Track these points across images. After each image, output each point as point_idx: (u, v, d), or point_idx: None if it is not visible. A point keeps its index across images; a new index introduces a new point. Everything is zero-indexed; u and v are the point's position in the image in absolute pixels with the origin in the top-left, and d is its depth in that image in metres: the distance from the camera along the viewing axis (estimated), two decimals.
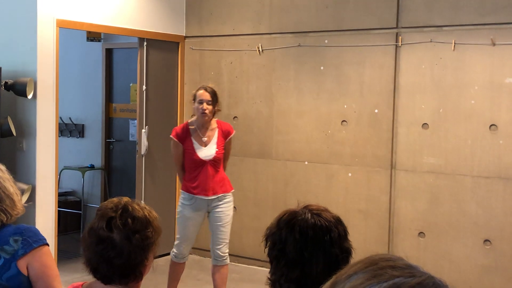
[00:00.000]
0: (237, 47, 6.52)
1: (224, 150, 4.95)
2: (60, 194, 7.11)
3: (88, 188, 7.92)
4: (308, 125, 6.12)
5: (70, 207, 7.76)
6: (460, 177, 5.40)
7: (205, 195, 4.88)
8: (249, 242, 6.24)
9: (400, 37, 5.62)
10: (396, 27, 5.65)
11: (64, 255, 6.52)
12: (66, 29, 5.89)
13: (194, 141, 4.87)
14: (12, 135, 5.39)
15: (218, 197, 4.91)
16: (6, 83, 5.37)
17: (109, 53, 7.82)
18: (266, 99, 6.36)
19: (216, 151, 4.88)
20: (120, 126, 7.83)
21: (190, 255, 6.90)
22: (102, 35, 7.67)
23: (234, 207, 5.16)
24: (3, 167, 2.49)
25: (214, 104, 4.84)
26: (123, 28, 6.30)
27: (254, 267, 6.39)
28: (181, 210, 4.98)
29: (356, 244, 1.92)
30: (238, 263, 6.48)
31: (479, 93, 5.30)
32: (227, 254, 5.06)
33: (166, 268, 6.46)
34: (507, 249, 5.24)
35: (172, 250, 5.11)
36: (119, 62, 7.79)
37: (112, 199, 2.09)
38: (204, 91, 4.85)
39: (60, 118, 7.54)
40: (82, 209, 7.79)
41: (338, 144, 5.97)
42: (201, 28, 6.77)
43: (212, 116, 4.88)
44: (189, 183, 4.90)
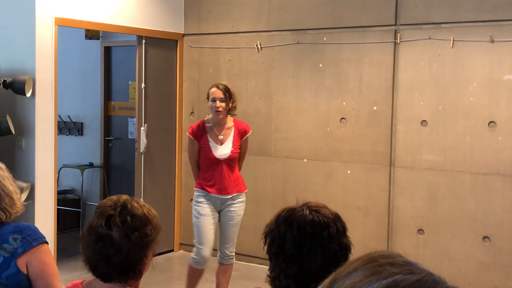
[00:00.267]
0: (235, 44, 6.52)
1: (239, 149, 4.87)
2: (59, 192, 7.12)
3: (87, 186, 7.91)
4: (307, 122, 6.12)
5: (69, 205, 7.75)
6: (459, 174, 5.41)
7: (219, 194, 4.81)
8: (248, 239, 6.24)
9: (398, 34, 5.62)
10: (395, 24, 5.65)
11: (64, 253, 6.52)
12: (64, 27, 5.89)
13: (210, 139, 4.80)
14: (11, 133, 5.39)
15: (232, 196, 4.84)
16: (5, 81, 5.36)
17: (107, 51, 7.81)
18: (265, 96, 6.36)
19: (231, 150, 4.81)
20: (119, 124, 7.83)
21: (189, 253, 6.89)
22: (101, 33, 7.66)
23: None
24: (2, 166, 2.48)
25: (227, 101, 4.76)
26: (122, 26, 6.29)
27: (253, 264, 6.39)
28: (196, 209, 4.84)
29: (355, 241, 1.93)
30: (237, 260, 6.46)
31: (478, 90, 5.30)
32: (234, 254, 5.01)
33: (166, 266, 6.47)
34: (506, 245, 5.25)
35: (192, 257, 4.89)
36: (118, 60, 7.78)
37: (111, 197, 2.09)
38: (216, 88, 4.79)
39: (59, 116, 7.54)
40: (81, 207, 7.79)
41: (337, 141, 5.97)
42: (199, 26, 6.76)
43: (226, 113, 4.79)
44: (203, 181, 4.83)
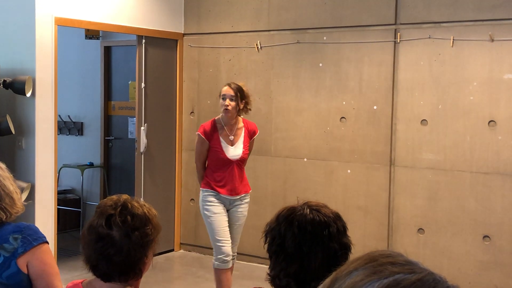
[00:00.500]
0: (235, 44, 6.52)
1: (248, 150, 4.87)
2: (59, 192, 7.12)
3: (87, 186, 7.92)
4: (307, 122, 6.12)
5: (69, 205, 7.75)
6: (459, 173, 5.41)
7: (230, 194, 4.77)
8: (248, 239, 6.24)
9: (398, 33, 5.62)
10: (395, 24, 5.65)
11: (64, 253, 6.53)
12: (64, 27, 5.89)
13: (222, 139, 4.74)
14: (11, 133, 5.39)
15: (240, 197, 4.83)
16: (5, 81, 5.36)
17: (107, 50, 7.81)
18: (265, 96, 6.36)
19: (242, 151, 4.78)
20: (119, 123, 7.83)
21: (189, 252, 6.91)
22: (101, 32, 7.66)
23: None
24: (3, 166, 2.48)
25: (238, 100, 4.69)
26: (122, 25, 6.29)
27: (253, 264, 6.39)
28: (207, 209, 4.78)
29: (356, 241, 1.93)
30: (237, 260, 6.47)
31: (478, 89, 5.30)
32: (236, 254, 5.00)
33: (166, 265, 6.47)
34: (506, 245, 5.25)
35: (216, 258, 4.75)
36: (118, 59, 7.78)
37: (112, 196, 2.09)
38: (228, 87, 4.74)
39: (59, 116, 7.54)
40: (82, 207, 7.79)
41: (337, 140, 5.97)
42: (199, 26, 6.76)
43: (235, 112, 4.74)
44: (213, 181, 4.76)
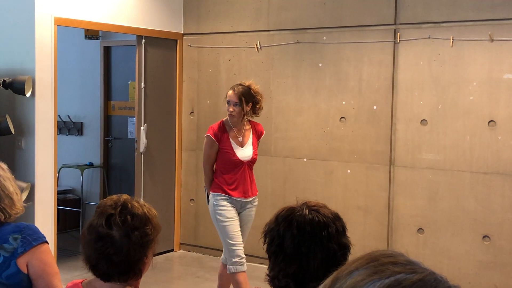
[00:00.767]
0: (235, 44, 6.51)
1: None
2: (59, 192, 7.12)
3: (87, 186, 7.91)
4: (306, 122, 6.12)
5: (69, 205, 7.75)
6: (459, 173, 5.41)
7: (243, 196, 4.71)
8: (248, 239, 6.23)
9: (398, 33, 5.62)
10: (394, 24, 5.65)
11: (64, 253, 6.52)
12: (64, 27, 5.88)
13: (232, 141, 4.68)
14: (11, 133, 5.38)
15: (251, 199, 4.78)
16: (4, 81, 5.36)
17: (107, 51, 7.81)
18: (265, 96, 6.31)
19: (253, 151, 4.75)
20: (119, 124, 7.83)
21: (189, 253, 6.92)
22: (100, 33, 7.66)
23: None
24: (4, 166, 2.49)
25: (243, 105, 4.63)
26: (121, 26, 6.29)
27: (253, 264, 6.39)
28: (220, 213, 4.68)
29: (355, 241, 1.93)
30: None
31: (478, 89, 5.30)
32: None
33: (166, 265, 6.47)
34: (506, 245, 5.25)
35: (230, 262, 4.66)
36: (118, 60, 7.78)
37: (112, 196, 2.08)
38: (232, 92, 4.67)
39: (59, 116, 7.54)
40: (81, 207, 7.79)
41: (337, 140, 5.97)
42: (199, 26, 6.76)
43: (241, 116, 4.67)
44: (224, 184, 4.69)
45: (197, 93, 6.81)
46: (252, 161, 4.76)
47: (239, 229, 4.72)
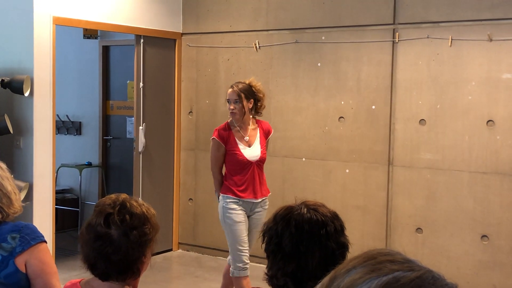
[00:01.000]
0: (234, 44, 6.51)
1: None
2: (57, 192, 7.11)
3: (85, 186, 7.91)
4: (305, 121, 6.12)
5: (67, 205, 7.75)
6: (458, 172, 5.41)
7: (254, 197, 4.61)
8: None
9: (397, 33, 5.62)
10: (393, 23, 5.65)
11: (62, 252, 6.52)
12: (62, 26, 5.88)
13: (239, 141, 4.60)
14: (9, 132, 5.38)
15: (261, 201, 4.67)
16: (3, 80, 5.36)
17: (106, 50, 7.81)
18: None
19: (261, 151, 4.65)
20: (117, 123, 7.83)
21: (187, 252, 6.91)
22: (99, 32, 7.66)
23: None
24: (3, 166, 2.49)
25: (244, 101, 4.56)
26: (120, 25, 6.29)
27: (252, 263, 6.38)
28: (228, 216, 4.60)
29: (354, 240, 1.93)
30: None
31: (476, 88, 5.30)
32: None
33: (164, 265, 6.47)
34: (504, 244, 5.25)
35: (234, 266, 4.64)
36: (116, 59, 7.78)
37: (110, 195, 2.08)
38: (231, 89, 4.62)
39: (57, 115, 7.54)
40: (80, 206, 7.78)
41: (336, 140, 5.97)
42: (198, 25, 6.76)
43: (243, 114, 4.60)
44: (234, 186, 4.59)
45: (195, 92, 6.81)
46: (261, 160, 4.66)
47: (247, 233, 4.64)
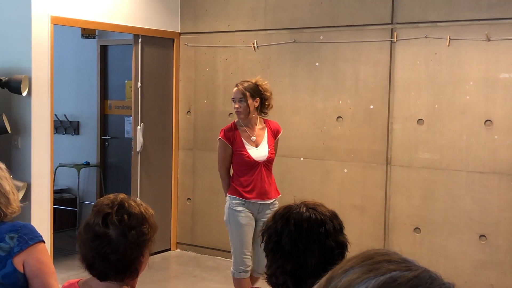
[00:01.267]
0: (232, 43, 6.51)
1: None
2: (55, 192, 7.10)
3: (83, 186, 7.91)
4: (303, 121, 6.13)
5: (65, 205, 7.75)
6: (456, 172, 5.42)
7: (261, 199, 4.54)
8: None
9: (395, 33, 5.63)
10: (391, 23, 5.66)
11: (60, 252, 6.51)
12: (60, 26, 5.88)
13: (245, 141, 4.53)
14: (7, 132, 5.37)
15: (270, 202, 4.60)
16: (1, 80, 5.35)
17: (104, 50, 7.80)
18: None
19: (268, 151, 4.57)
20: (116, 123, 7.82)
21: (186, 252, 6.91)
22: (97, 31, 7.65)
23: None
24: (3, 166, 2.49)
25: (248, 100, 4.49)
26: (118, 24, 6.28)
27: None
28: (233, 218, 4.54)
29: (352, 240, 1.93)
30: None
31: (474, 88, 5.31)
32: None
33: (162, 265, 6.47)
34: (502, 244, 5.26)
35: (237, 267, 4.59)
36: (114, 59, 7.78)
37: (108, 195, 2.08)
38: (236, 88, 4.55)
39: (55, 115, 7.53)
40: (78, 206, 7.78)
41: (334, 140, 5.97)
42: (196, 25, 6.76)
43: (248, 113, 4.52)
44: (240, 187, 4.52)
45: (194, 92, 6.81)
46: (268, 160, 4.58)
47: (251, 236, 4.56)
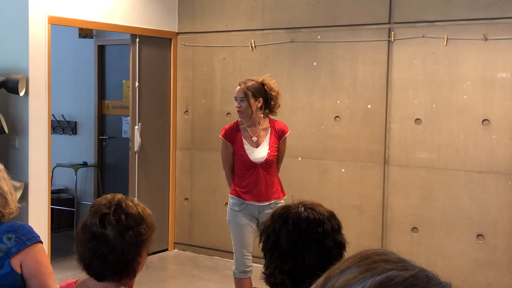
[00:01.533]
0: (229, 43, 6.51)
1: (277, 151, 4.54)
2: (53, 192, 7.10)
3: (81, 186, 7.90)
4: (301, 121, 6.13)
5: (63, 205, 7.74)
6: (453, 172, 5.42)
7: (256, 201, 4.46)
8: None
9: (392, 32, 5.63)
10: (389, 23, 5.66)
11: (57, 252, 6.51)
12: (58, 25, 5.87)
13: (245, 141, 4.48)
14: (4, 132, 5.37)
15: (270, 203, 4.49)
16: None
17: (101, 49, 7.80)
18: None
19: (268, 152, 4.47)
20: (113, 123, 7.81)
21: (183, 252, 6.91)
22: (94, 31, 7.64)
23: None
24: (1, 166, 2.49)
25: (250, 100, 4.42)
26: (116, 24, 6.28)
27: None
28: (233, 218, 4.52)
29: (350, 239, 1.94)
30: (233, 259, 6.47)
31: (472, 88, 5.31)
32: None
33: (160, 265, 6.46)
34: (500, 243, 5.26)
35: (237, 267, 4.59)
36: (112, 58, 7.77)
37: (106, 195, 2.08)
38: (238, 87, 4.49)
39: (53, 115, 7.52)
40: (75, 206, 7.77)
41: (332, 139, 5.97)
42: (193, 24, 6.76)
43: (250, 112, 4.45)
44: (238, 187, 4.50)
45: (191, 92, 6.80)
46: (266, 162, 4.47)
47: (251, 236, 4.52)
